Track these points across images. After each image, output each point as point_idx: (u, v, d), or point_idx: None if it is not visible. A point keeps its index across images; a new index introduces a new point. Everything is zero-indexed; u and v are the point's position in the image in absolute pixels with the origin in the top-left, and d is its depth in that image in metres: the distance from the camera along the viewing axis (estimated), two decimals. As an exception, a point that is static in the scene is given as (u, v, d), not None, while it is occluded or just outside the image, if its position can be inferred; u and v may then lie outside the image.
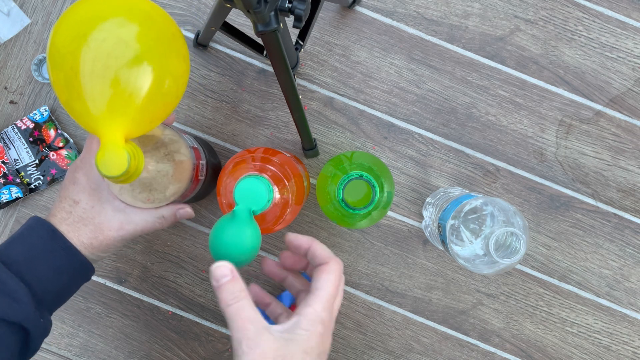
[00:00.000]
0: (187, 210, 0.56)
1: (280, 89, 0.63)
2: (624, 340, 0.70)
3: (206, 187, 0.63)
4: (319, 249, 0.45)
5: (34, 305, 0.48)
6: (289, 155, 0.64)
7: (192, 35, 0.71)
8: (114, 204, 0.52)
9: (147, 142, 0.50)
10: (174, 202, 0.55)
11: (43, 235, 0.50)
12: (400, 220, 0.71)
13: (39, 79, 0.70)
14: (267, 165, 0.53)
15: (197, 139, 0.65)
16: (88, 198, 0.51)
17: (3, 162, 0.69)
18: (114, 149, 0.41)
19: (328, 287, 0.42)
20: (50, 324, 0.50)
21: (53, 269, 0.50)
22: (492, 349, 0.70)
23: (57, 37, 0.43)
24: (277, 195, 0.54)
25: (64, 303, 0.54)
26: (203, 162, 0.58)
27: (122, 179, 0.42)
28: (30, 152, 0.70)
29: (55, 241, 0.50)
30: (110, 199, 0.52)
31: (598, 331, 0.70)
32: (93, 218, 0.51)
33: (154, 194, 0.51)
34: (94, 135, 0.49)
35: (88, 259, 0.52)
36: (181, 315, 0.71)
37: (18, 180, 0.69)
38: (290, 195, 0.54)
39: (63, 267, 0.50)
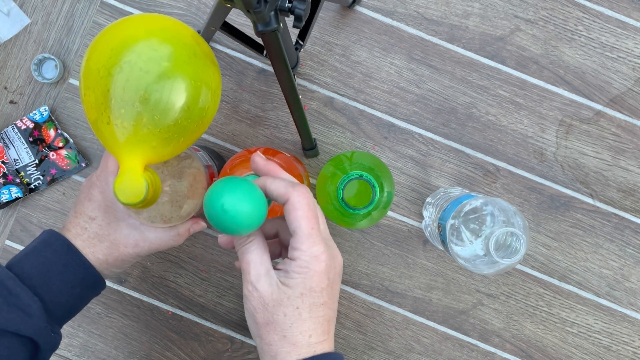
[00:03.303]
0: (201, 224, 0.56)
1: (280, 89, 0.63)
2: (624, 341, 0.70)
3: None
4: (274, 188, 0.42)
5: (45, 320, 0.48)
6: (289, 155, 0.64)
7: (192, 35, 0.71)
8: (129, 221, 0.52)
9: (163, 164, 0.50)
10: None
11: (58, 250, 0.50)
12: (400, 220, 0.71)
13: (39, 79, 0.70)
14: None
15: (208, 150, 0.64)
16: (104, 215, 0.51)
17: (3, 162, 0.69)
18: (132, 177, 0.41)
19: (303, 224, 0.41)
20: (60, 337, 0.51)
21: (67, 284, 0.50)
22: (492, 349, 0.70)
23: (93, 58, 0.43)
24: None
25: (73, 317, 0.54)
26: (216, 179, 0.58)
27: (139, 206, 0.42)
28: (30, 152, 0.70)
29: (70, 256, 0.50)
30: (125, 216, 0.52)
31: (598, 331, 0.70)
32: (109, 235, 0.51)
33: (170, 215, 0.50)
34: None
35: (102, 275, 0.52)
36: (181, 315, 0.71)
37: (18, 180, 0.69)
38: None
39: (76, 281, 0.50)
